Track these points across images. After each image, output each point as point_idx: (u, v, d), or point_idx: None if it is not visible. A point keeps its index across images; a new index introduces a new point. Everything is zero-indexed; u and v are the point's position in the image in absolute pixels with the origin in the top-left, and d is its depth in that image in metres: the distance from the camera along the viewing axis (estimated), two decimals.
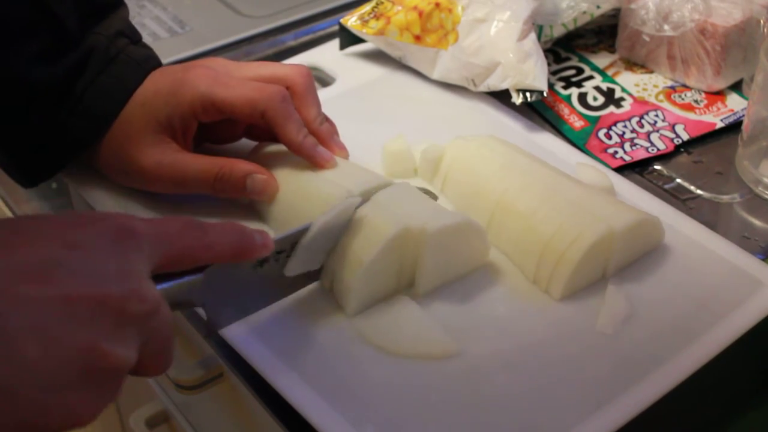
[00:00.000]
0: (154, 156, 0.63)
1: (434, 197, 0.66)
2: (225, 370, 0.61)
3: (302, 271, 0.58)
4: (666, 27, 0.80)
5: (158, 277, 0.46)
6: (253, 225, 0.65)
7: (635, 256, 0.64)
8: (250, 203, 0.66)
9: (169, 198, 0.66)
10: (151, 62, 0.66)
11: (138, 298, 0.41)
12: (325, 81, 0.85)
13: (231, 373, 0.60)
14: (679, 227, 0.66)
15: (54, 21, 0.62)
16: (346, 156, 0.67)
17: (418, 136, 0.72)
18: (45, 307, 0.38)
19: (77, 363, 0.39)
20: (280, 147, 0.66)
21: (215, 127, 0.66)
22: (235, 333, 0.58)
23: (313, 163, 0.64)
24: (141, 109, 0.63)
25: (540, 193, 0.63)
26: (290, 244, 0.56)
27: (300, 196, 0.63)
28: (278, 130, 0.63)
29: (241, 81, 0.63)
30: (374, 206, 0.59)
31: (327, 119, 0.67)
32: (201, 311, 0.54)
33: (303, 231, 0.56)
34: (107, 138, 0.64)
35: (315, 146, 0.64)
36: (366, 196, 0.61)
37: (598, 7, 0.84)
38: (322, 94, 0.81)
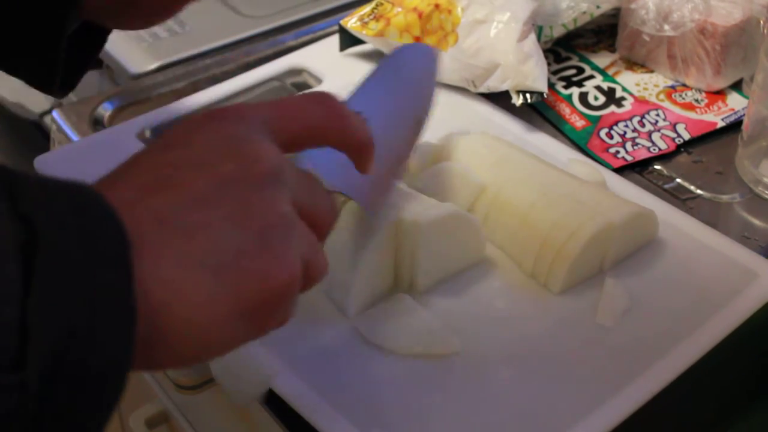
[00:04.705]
0: None
1: None
2: None
3: None
4: (666, 27, 0.80)
5: None
6: None
7: (631, 250, 0.64)
8: None
9: None
10: None
11: (258, 159, 0.39)
12: (310, 83, 0.85)
13: None
14: (675, 222, 0.67)
15: None
16: None
17: None
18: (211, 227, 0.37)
19: (255, 229, 0.38)
20: None
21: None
22: None
23: None
24: None
25: (536, 187, 0.63)
26: None
27: None
28: None
29: None
30: None
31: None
32: None
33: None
34: None
35: None
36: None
37: (598, 7, 0.84)
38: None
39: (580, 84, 0.83)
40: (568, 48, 0.88)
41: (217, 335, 0.37)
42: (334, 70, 0.85)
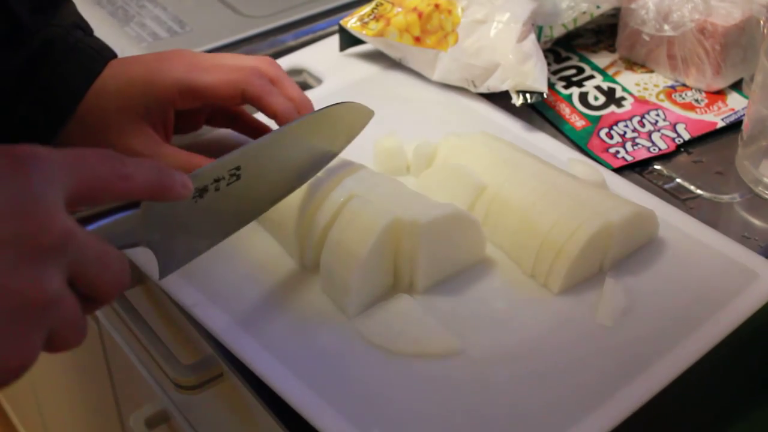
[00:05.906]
0: (135, 146, 0.63)
1: None
2: (225, 370, 0.61)
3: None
4: (666, 27, 0.80)
5: (92, 217, 0.45)
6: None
7: (631, 249, 0.64)
8: None
9: None
10: (109, 52, 0.66)
11: (43, 230, 0.38)
12: (310, 83, 0.85)
13: (231, 373, 0.60)
14: (674, 222, 0.67)
15: (7, 12, 0.61)
16: None
17: (410, 134, 0.72)
18: None
19: (5, 307, 0.37)
20: None
21: (179, 117, 0.66)
22: (235, 338, 0.58)
23: None
24: (116, 98, 0.63)
25: (536, 187, 0.63)
26: (226, 170, 0.54)
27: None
28: (263, 104, 0.63)
29: (215, 65, 0.64)
30: (363, 202, 0.59)
31: (308, 98, 0.67)
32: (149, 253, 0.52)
33: (234, 158, 0.54)
34: (82, 129, 0.64)
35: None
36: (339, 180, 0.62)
37: (598, 7, 0.84)
38: (311, 94, 0.82)
39: (580, 84, 0.83)
40: (568, 48, 0.88)
41: None
42: (334, 70, 0.85)
